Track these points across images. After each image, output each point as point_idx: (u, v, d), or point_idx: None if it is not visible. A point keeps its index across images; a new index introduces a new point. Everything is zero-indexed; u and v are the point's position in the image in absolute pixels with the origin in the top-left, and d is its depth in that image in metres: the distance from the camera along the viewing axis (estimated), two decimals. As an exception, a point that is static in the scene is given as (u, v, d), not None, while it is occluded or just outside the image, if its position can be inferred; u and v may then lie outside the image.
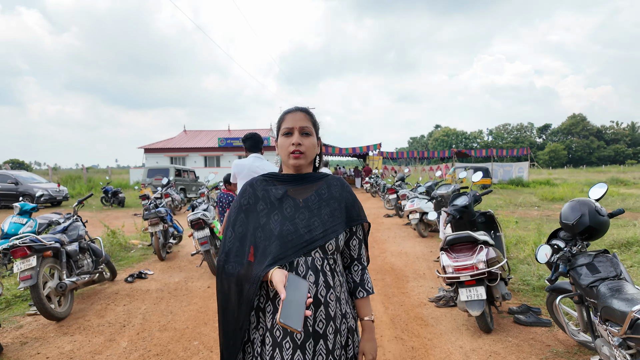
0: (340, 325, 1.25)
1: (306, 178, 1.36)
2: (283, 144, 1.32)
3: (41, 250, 3.69)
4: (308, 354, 1.18)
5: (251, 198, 1.32)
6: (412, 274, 5.23)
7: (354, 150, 23.88)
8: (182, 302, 4.28)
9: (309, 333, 1.19)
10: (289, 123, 1.32)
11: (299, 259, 1.22)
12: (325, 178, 1.39)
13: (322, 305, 1.21)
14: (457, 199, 4.39)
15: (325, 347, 1.21)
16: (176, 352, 3.11)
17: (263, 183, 1.36)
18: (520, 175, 22.03)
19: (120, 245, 6.90)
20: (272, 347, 1.19)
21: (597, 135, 71.49)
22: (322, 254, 1.25)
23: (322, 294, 1.22)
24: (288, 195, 1.31)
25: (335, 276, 1.27)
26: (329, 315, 1.22)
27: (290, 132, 1.31)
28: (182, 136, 32.10)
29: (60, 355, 3.10)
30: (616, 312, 1.99)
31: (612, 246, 5.78)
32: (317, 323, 1.20)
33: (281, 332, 1.19)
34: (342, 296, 1.28)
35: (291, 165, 1.32)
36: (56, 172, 25.54)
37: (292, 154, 1.30)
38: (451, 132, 79.67)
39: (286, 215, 1.26)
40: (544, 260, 2.67)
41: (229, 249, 1.26)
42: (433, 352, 3.05)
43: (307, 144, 1.31)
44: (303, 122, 1.32)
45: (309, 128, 1.32)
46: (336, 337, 1.23)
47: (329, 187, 1.35)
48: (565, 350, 3.00)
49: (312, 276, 1.22)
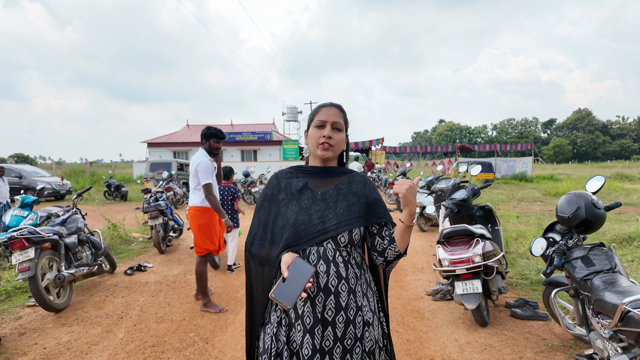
0: (355, 317, 1.28)
1: (329, 171, 1.42)
2: (314, 135, 1.39)
3: (39, 242, 3.71)
4: (317, 338, 1.25)
5: (275, 188, 1.43)
6: (410, 267, 5.22)
7: (357, 145, 23.82)
8: (180, 294, 4.30)
9: (318, 319, 1.25)
10: (322, 116, 1.39)
11: (311, 248, 1.29)
12: (350, 174, 1.44)
13: (332, 294, 1.26)
14: (455, 193, 4.37)
15: (334, 335, 1.25)
16: (172, 343, 3.13)
17: (287, 175, 1.45)
18: (523, 170, 21.90)
19: (121, 238, 6.94)
20: (287, 328, 1.29)
21: (603, 130, 70.84)
22: (334, 245, 1.30)
23: (332, 284, 1.27)
24: (308, 187, 1.39)
25: (350, 268, 1.31)
26: (339, 305, 1.26)
27: (322, 125, 1.38)
28: (185, 131, 32.16)
29: (57, 345, 3.13)
30: (608, 304, 1.97)
31: (614, 241, 5.74)
32: (327, 311, 1.26)
33: (295, 315, 1.28)
34: (357, 289, 1.32)
35: (319, 156, 1.39)
36: (60, 166, 25.69)
37: (321, 144, 1.37)
38: (455, 126, 79.26)
39: (303, 205, 1.34)
40: (539, 253, 2.65)
41: (254, 233, 1.40)
42: (428, 345, 3.05)
43: (337, 139, 1.38)
44: (336, 117, 1.40)
45: (340, 124, 1.40)
46: (348, 327, 1.26)
47: (350, 183, 1.40)
48: (560, 343, 2.99)
49: (322, 265, 1.28)
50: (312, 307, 1.27)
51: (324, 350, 1.25)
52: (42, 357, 2.93)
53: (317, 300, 1.27)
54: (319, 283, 1.28)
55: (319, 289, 1.28)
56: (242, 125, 32.86)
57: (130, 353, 2.98)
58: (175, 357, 2.91)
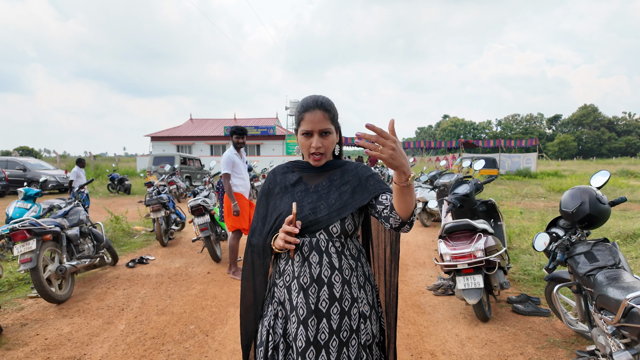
0: (350, 308, 1.27)
1: (326, 165, 1.40)
2: (303, 143, 1.35)
3: (41, 234, 3.72)
4: (310, 330, 1.23)
5: (271, 183, 1.45)
6: (412, 262, 5.20)
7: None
8: (182, 287, 4.31)
9: (311, 310, 1.24)
10: (307, 125, 1.31)
11: (304, 239, 1.29)
12: (343, 166, 1.41)
13: (325, 285, 1.26)
14: (458, 188, 4.33)
15: (329, 326, 1.24)
16: (172, 336, 3.13)
17: (284, 169, 1.46)
18: (528, 166, 21.78)
19: (124, 231, 6.96)
20: (283, 320, 1.30)
21: (609, 126, 70.17)
22: (326, 236, 1.29)
23: (325, 275, 1.27)
24: (302, 180, 1.39)
25: (344, 259, 1.30)
26: (333, 295, 1.26)
27: (309, 133, 1.32)
28: (188, 124, 32.18)
29: (58, 336, 3.14)
30: (611, 300, 1.94)
31: (618, 237, 5.69)
32: (320, 302, 1.25)
33: (290, 306, 1.28)
34: (353, 280, 1.30)
35: (312, 163, 1.38)
36: (65, 160, 25.81)
37: (312, 155, 1.34)
38: (459, 122, 78.79)
39: (295, 198, 1.34)
40: (542, 248, 2.62)
41: (254, 227, 1.42)
42: (428, 340, 3.04)
43: (327, 144, 1.34)
44: (322, 123, 1.30)
45: (328, 128, 1.32)
46: (343, 319, 1.25)
47: (342, 173, 1.38)
48: (562, 339, 2.96)
49: (315, 256, 1.28)
50: (305, 297, 1.26)
51: (320, 343, 1.24)
52: (42, 348, 2.95)
53: (310, 291, 1.25)
54: (312, 273, 1.27)
55: (312, 280, 1.26)
56: (246, 120, 32.80)
57: (131, 345, 2.99)
58: (175, 349, 2.91)
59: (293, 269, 1.30)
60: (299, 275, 1.28)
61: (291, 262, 1.31)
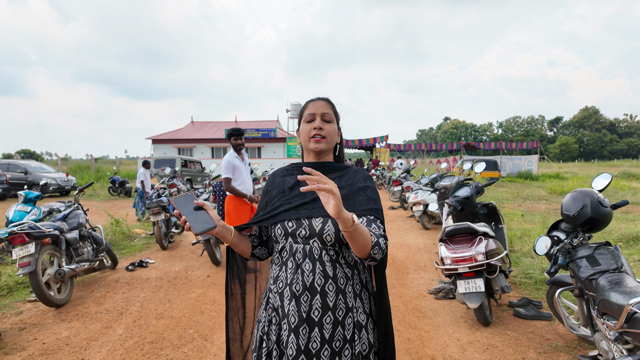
0: (344, 318, 1.24)
1: (324, 167, 1.37)
2: (305, 130, 1.35)
3: (39, 238, 3.70)
4: (302, 338, 1.21)
5: (270, 186, 1.43)
6: (412, 265, 5.17)
7: (360, 142, 23.72)
8: (181, 290, 4.29)
9: (303, 319, 1.22)
10: (311, 109, 1.36)
11: (297, 245, 1.26)
12: (345, 169, 1.39)
13: (318, 294, 1.23)
14: (458, 190, 4.31)
15: (321, 336, 1.22)
16: (170, 340, 3.11)
17: (283, 172, 1.44)
18: (529, 168, 21.73)
19: (124, 234, 6.95)
20: (277, 327, 1.28)
21: (610, 128, 70.05)
22: (320, 243, 1.25)
23: (318, 283, 1.23)
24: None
25: (338, 267, 1.26)
26: (326, 305, 1.23)
27: (312, 119, 1.35)
28: (189, 127, 32.21)
29: (56, 341, 3.12)
30: (613, 305, 1.92)
31: (620, 240, 5.66)
32: (313, 311, 1.22)
33: (282, 313, 1.26)
34: (348, 289, 1.26)
35: (312, 149, 1.34)
36: (66, 162, 25.87)
37: (312, 137, 1.32)
38: (460, 124, 78.76)
39: (292, 203, 1.31)
40: (543, 252, 2.60)
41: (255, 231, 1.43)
42: (429, 344, 3.01)
43: (329, 129, 1.34)
44: (325, 109, 1.36)
45: (330, 115, 1.36)
46: (336, 328, 1.23)
47: (341, 177, 1.35)
48: (564, 344, 2.93)
49: (308, 264, 1.24)
50: (297, 305, 1.23)
51: (311, 352, 1.21)
52: (40, 353, 2.93)
53: (303, 299, 1.23)
54: (304, 282, 1.23)
55: (304, 288, 1.23)
56: (247, 122, 32.83)
57: (129, 349, 2.97)
58: (173, 354, 2.89)
59: (286, 275, 1.27)
60: (292, 283, 1.25)
61: (285, 269, 1.28)
